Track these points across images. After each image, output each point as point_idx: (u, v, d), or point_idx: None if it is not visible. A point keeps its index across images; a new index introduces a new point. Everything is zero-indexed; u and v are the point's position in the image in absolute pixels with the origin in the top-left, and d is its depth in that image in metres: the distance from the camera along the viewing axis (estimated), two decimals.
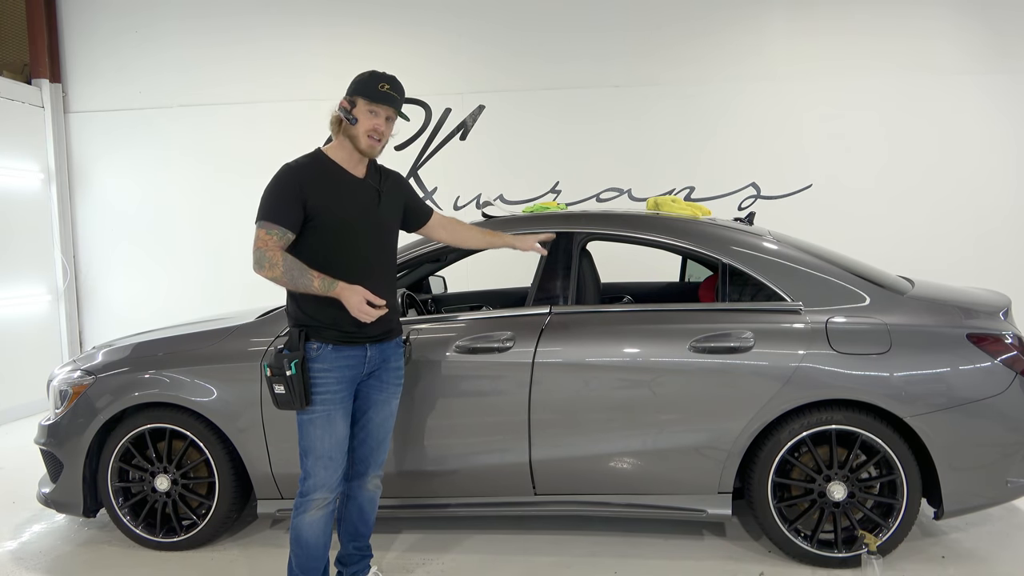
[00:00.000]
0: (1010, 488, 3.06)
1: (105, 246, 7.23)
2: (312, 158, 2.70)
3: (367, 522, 2.93)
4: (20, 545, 3.69)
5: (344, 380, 2.67)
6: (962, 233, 6.37)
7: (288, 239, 2.58)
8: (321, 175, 2.65)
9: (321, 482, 2.66)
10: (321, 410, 2.63)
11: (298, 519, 2.69)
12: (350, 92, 2.68)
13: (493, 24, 6.73)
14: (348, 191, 2.68)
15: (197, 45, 7.00)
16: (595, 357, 3.18)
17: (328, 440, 2.65)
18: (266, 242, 2.56)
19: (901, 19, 6.37)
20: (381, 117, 2.66)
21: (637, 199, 6.63)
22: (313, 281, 2.56)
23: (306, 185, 2.59)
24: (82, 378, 3.50)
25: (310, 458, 2.66)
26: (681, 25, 6.58)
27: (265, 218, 2.58)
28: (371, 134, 2.65)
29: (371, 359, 2.74)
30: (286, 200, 2.57)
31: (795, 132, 6.50)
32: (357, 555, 2.96)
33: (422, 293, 4.44)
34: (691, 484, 3.16)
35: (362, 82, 2.67)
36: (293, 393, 2.59)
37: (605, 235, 3.47)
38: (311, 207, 2.59)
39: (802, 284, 3.19)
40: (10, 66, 6.89)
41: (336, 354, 2.65)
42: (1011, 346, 3.03)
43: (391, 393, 2.85)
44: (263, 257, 2.56)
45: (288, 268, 2.55)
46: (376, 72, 2.69)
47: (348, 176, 2.70)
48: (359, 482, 2.87)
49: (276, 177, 2.63)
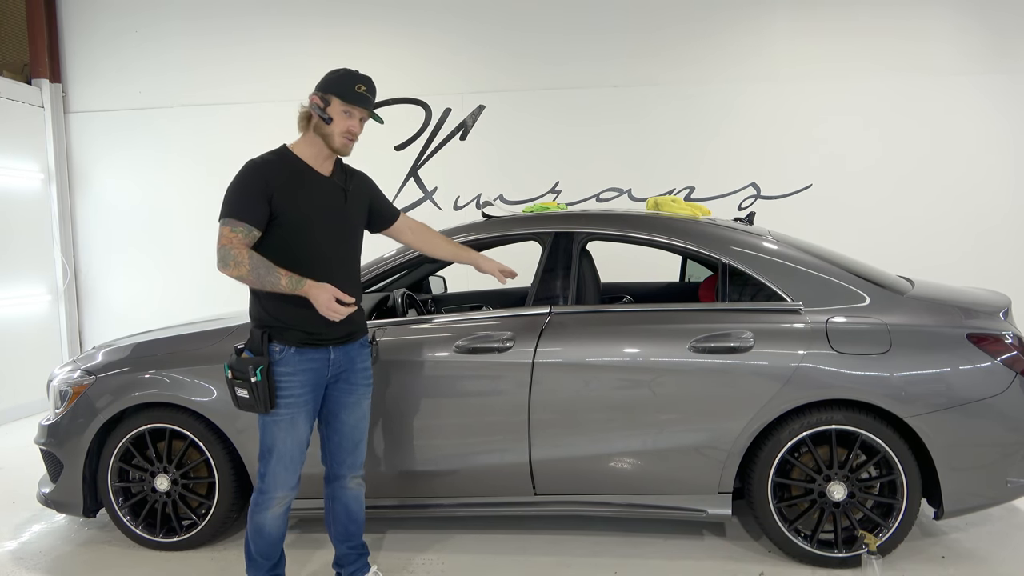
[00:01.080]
0: (1010, 488, 3.06)
1: (105, 246, 7.23)
2: (278, 155, 2.67)
3: (356, 520, 2.93)
4: (20, 545, 3.69)
5: (308, 384, 2.66)
6: (962, 233, 6.37)
7: (254, 236, 2.55)
8: (287, 172, 2.62)
9: (282, 481, 2.68)
10: (285, 413, 2.62)
11: (260, 516, 2.71)
12: (323, 89, 2.64)
13: (493, 24, 6.73)
14: (314, 189, 2.65)
15: (197, 45, 7.00)
16: (595, 357, 3.17)
17: (290, 441, 2.65)
18: (231, 239, 2.52)
19: (901, 20, 6.37)
20: (356, 118, 2.66)
21: (637, 199, 6.63)
22: (280, 279, 2.52)
23: (271, 182, 2.56)
24: (82, 378, 3.50)
25: (272, 458, 2.66)
26: (681, 26, 6.58)
27: (230, 215, 2.53)
28: (346, 135, 2.64)
29: (335, 361, 2.72)
30: (251, 197, 2.54)
31: (795, 132, 6.50)
32: (353, 555, 2.95)
33: (422, 293, 4.44)
34: (691, 484, 3.16)
35: (337, 81, 2.64)
36: (257, 398, 2.57)
37: (605, 235, 3.47)
38: (276, 204, 2.55)
39: (802, 284, 3.19)
40: (10, 66, 6.89)
41: (300, 357, 2.63)
42: (1011, 346, 3.03)
43: (361, 395, 2.83)
44: (228, 255, 2.51)
45: (255, 266, 2.51)
46: (352, 72, 2.68)
47: (314, 174, 2.67)
48: (340, 483, 2.87)
49: (241, 173, 2.59)
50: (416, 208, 6.86)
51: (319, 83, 2.68)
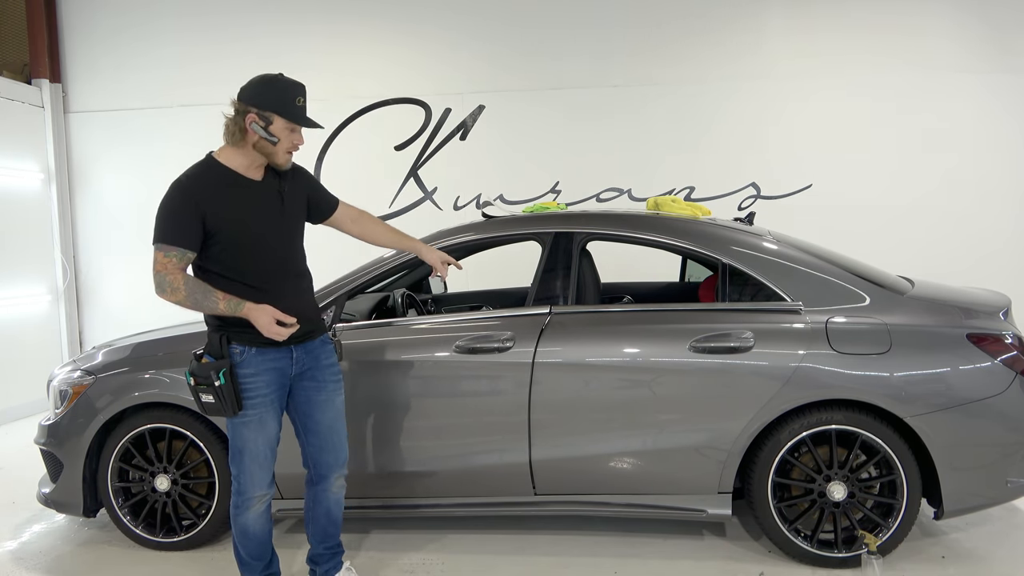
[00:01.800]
0: (1010, 488, 3.06)
1: (105, 246, 7.23)
2: (204, 168, 2.58)
3: (335, 522, 2.93)
4: (20, 545, 3.69)
5: (273, 383, 2.64)
6: (962, 232, 6.37)
7: (188, 259, 2.49)
8: (217, 186, 2.53)
9: (258, 481, 2.67)
10: (253, 413, 2.60)
11: (242, 517, 2.70)
12: (259, 105, 2.51)
13: (493, 24, 6.72)
14: (248, 198, 2.57)
15: (197, 45, 7.00)
16: (595, 357, 3.17)
17: (261, 440, 2.64)
18: (165, 265, 2.46)
19: (900, 16, 6.37)
20: (299, 131, 2.60)
21: (637, 199, 6.63)
22: (219, 303, 2.48)
23: (202, 200, 2.48)
24: (82, 378, 3.50)
25: (245, 458, 2.64)
26: (681, 25, 6.58)
27: (162, 240, 2.46)
28: (290, 151, 2.59)
29: (299, 359, 2.70)
30: (182, 218, 2.46)
31: (795, 132, 6.50)
32: (328, 554, 2.95)
33: (422, 293, 4.45)
34: (691, 484, 3.16)
35: (275, 97, 2.52)
36: (223, 402, 2.53)
37: (605, 235, 3.47)
38: (211, 221, 2.48)
39: (802, 284, 3.19)
40: (10, 66, 6.89)
41: (261, 357, 2.60)
42: (1011, 346, 3.03)
43: (332, 391, 2.80)
44: (164, 281, 2.46)
45: (191, 291, 2.47)
46: (288, 82, 2.57)
47: (246, 182, 2.58)
48: (323, 485, 2.85)
49: (168, 195, 2.50)
50: (416, 208, 6.86)
51: (249, 95, 2.54)
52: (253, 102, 2.53)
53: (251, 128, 2.51)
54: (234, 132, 2.55)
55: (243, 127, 2.53)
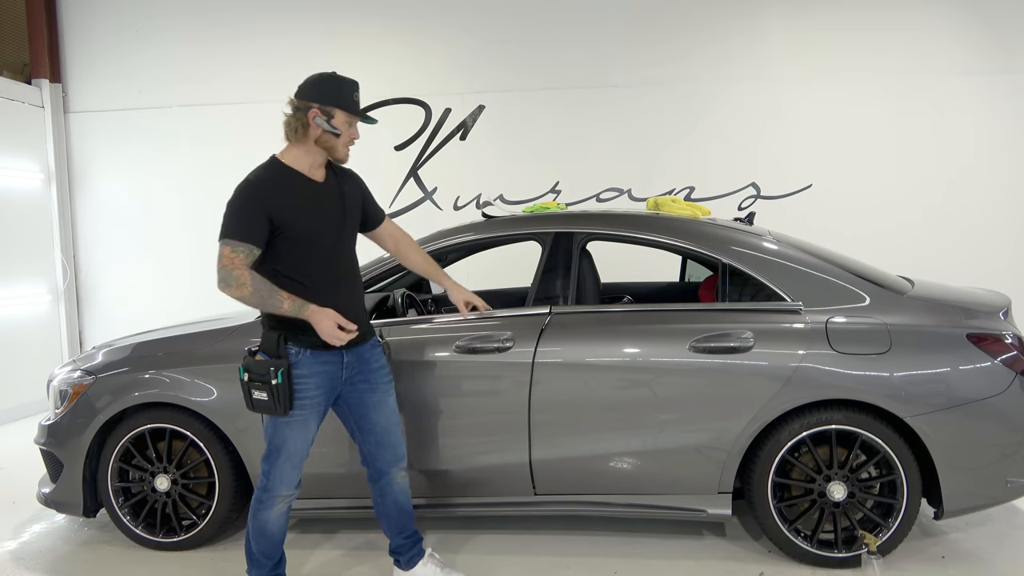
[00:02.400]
0: (1010, 488, 3.06)
1: (105, 246, 7.22)
2: (269, 168, 2.66)
3: (406, 511, 2.98)
4: (20, 545, 3.69)
5: (323, 387, 2.69)
6: (962, 232, 6.37)
7: (255, 255, 2.55)
8: (282, 186, 2.60)
9: (288, 480, 2.71)
10: (299, 414, 2.64)
11: (263, 514, 2.73)
12: (320, 100, 2.60)
13: (493, 24, 6.72)
14: (312, 198, 2.65)
15: (197, 45, 6.99)
16: (595, 357, 3.17)
17: (300, 441, 2.68)
18: (232, 260, 2.51)
19: (901, 17, 6.37)
20: (356, 126, 2.70)
21: (637, 199, 6.63)
22: (283, 303, 2.53)
23: (269, 199, 2.56)
24: (82, 378, 3.50)
25: (281, 457, 2.67)
26: (681, 25, 6.57)
27: (230, 236, 2.52)
28: (349, 144, 2.68)
29: (349, 364, 2.75)
30: (250, 216, 2.53)
31: (795, 132, 6.50)
32: (408, 543, 3.00)
33: (422, 293, 4.44)
34: (691, 484, 3.16)
35: (337, 93, 2.63)
36: (276, 400, 2.57)
37: (605, 235, 3.47)
38: (276, 220, 2.55)
39: (802, 284, 3.19)
40: (10, 66, 6.89)
41: (314, 359, 2.65)
42: (1011, 346, 3.03)
43: (384, 391, 2.87)
44: (230, 276, 2.51)
45: (257, 288, 2.52)
46: (345, 79, 2.67)
47: (309, 183, 2.66)
48: (386, 479, 2.91)
49: (237, 193, 2.58)
50: (416, 208, 6.86)
51: (309, 92, 2.63)
52: (314, 98, 2.62)
53: (314, 123, 2.60)
54: (296, 128, 2.62)
55: (305, 123, 2.61)
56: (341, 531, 3.64)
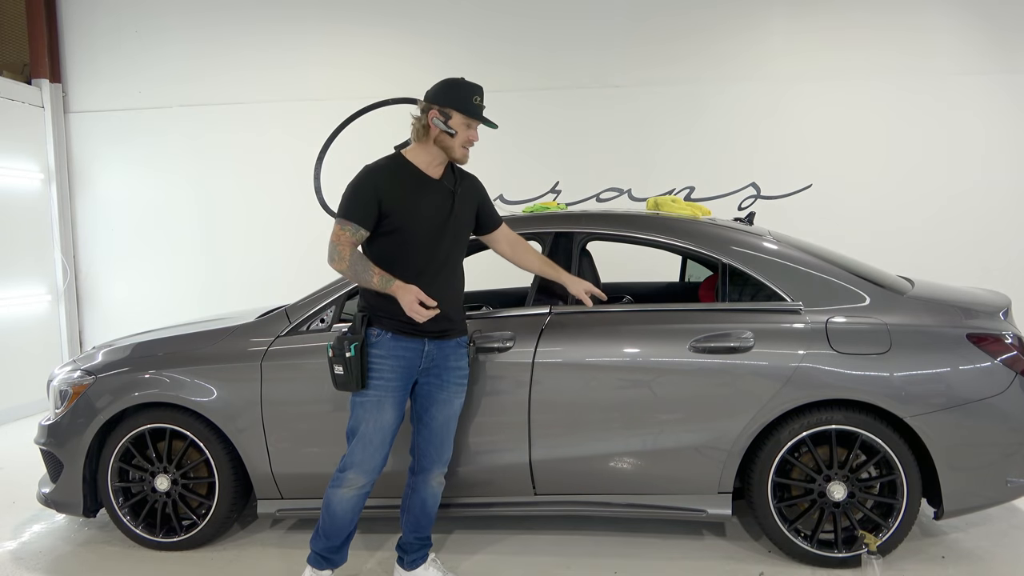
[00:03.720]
0: (1010, 488, 3.06)
1: (105, 246, 7.22)
2: (391, 160, 2.83)
3: (428, 515, 3.01)
4: (20, 545, 3.69)
5: (399, 369, 2.77)
6: (962, 233, 6.36)
7: (361, 236, 2.73)
8: (398, 177, 2.76)
9: (357, 461, 2.78)
10: (373, 395, 2.75)
11: (332, 491, 2.83)
12: (441, 102, 2.76)
13: (493, 23, 6.72)
14: (423, 192, 2.78)
15: (197, 45, 6.99)
16: (595, 357, 3.18)
17: (373, 423, 2.76)
18: (339, 237, 2.72)
19: (901, 17, 6.36)
20: (475, 128, 2.82)
21: (637, 199, 6.63)
22: (373, 277, 2.70)
23: (382, 185, 2.72)
24: (82, 378, 3.50)
25: (354, 438, 2.78)
26: (681, 25, 6.57)
27: (342, 215, 2.73)
28: (466, 145, 2.80)
29: (428, 354, 2.82)
30: (362, 199, 2.71)
31: (795, 132, 6.49)
32: (417, 544, 3.03)
33: None
34: (691, 484, 3.16)
35: (456, 96, 2.77)
36: (350, 374, 2.70)
37: (605, 235, 3.47)
38: (387, 207, 2.71)
39: (802, 284, 3.19)
40: (10, 66, 6.89)
41: (394, 343, 2.76)
42: (1011, 346, 3.03)
43: (453, 392, 2.91)
44: (335, 251, 2.72)
45: (353, 263, 2.71)
46: (467, 84, 2.81)
47: (425, 178, 2.80)
48: (423, 477, 2.95)
49: (356, 177, 2.77)
50: None
51: (434, 95, 2.80)
52: (436, 100, 2.80)
53: (432, 123, 2.76)
54: (419, 129, 2.81)
55: (426, 123, 2.79)
56: None
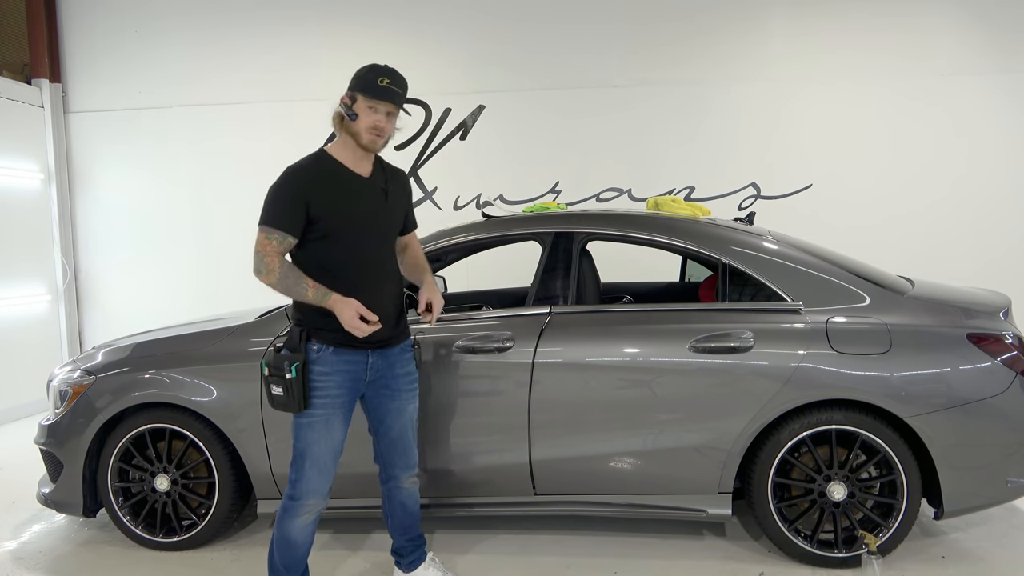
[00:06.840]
0: (1010, 488, 3.06)
1: (105, 246, 7.22)
2: (315, 159, 2.65)
3: (412, 515, 2.96)
4: (20, 545, 3.69)
5: (345, 385, 2.64)
6: (962, 233, 6.36)
7: (289, 243, 2.55)
8: (325, 176, 2.60)
9: (315, 487, 2.64)
10: (320, 414, 2.60)
11: (288, 523, 2.66)
12: (350, 87, 2.61)
13: (493, 24, 6.72)
14: (353, 192, 2.63)
15: (197, 45, 6.99)
16: (595, 357, 3.17)
17: (324, 444, 2.62)
18: (265, 247, 2.53)
19: (901, 18, 6.37)
20: (381, 113, 2.59)
21: (637, 199, 6.63)
22: (307, 291, 2.53)
23: (309, 188, 2.55)
24: (82, 378, 3.50)
25: (306, 461, 2.61)
26: (681, 25, 6.57)
27: (266, 223, 2.54)
28: (371, 130, 2.58)
29: (373, 365, 2.70)
30: (288, 204, 2.53)
31: (795, 132, 6.50)
32: (410, 546, 2.99)
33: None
34: (691, 484, 3.16)
35: (361, 77, 2.60)
36: (291, 396, 2.54)
37: (605, 235, 3.47)
38: (315, 211, 2.54)
39: (802, 284, 3.19)
40: (10, 66, 6.89)
41: (337, 357, 2.61)
42: (1011, 346, 3.03)
43: (405, 400, 2.81)
44: (261, 262, 2.54)
45: (283, 275, 2.53)
46: (375, 66, 2.62)
47: (352, 176, 2.64)
48: (394, 483, 2.89)
49: (279, 180, 2.59)
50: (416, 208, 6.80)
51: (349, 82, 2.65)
52: (349, 84, 2.63)
53: (340, 108, 2.61)
54: (334, 118, 2.64)
55: (340, 112, 2.62)
56: (344, 531, 3.64)
